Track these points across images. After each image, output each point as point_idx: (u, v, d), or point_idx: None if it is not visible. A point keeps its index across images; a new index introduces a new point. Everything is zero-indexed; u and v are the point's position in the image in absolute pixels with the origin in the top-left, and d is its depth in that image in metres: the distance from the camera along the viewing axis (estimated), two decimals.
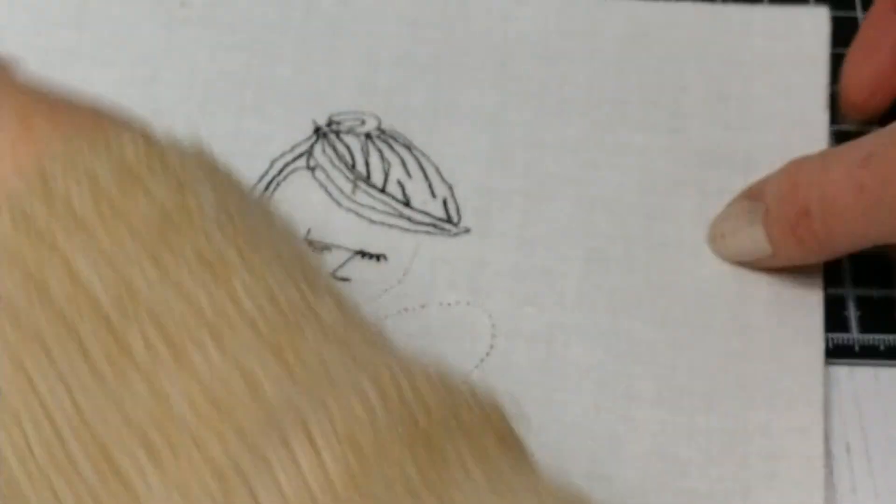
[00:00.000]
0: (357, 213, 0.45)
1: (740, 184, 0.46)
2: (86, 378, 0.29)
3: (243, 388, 0.29)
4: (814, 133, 0.47)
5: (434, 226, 0.45)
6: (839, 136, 0.48)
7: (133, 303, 0.30)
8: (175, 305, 0.30)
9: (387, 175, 0.46)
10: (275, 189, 0.46)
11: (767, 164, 0.46)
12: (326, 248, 0.45)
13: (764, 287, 0.45)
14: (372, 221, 0.45)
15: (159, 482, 0.28)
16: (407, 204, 0.46)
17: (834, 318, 0.44)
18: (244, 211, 0.32)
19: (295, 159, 0.46)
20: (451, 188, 0.46)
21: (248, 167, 0.45)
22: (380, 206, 0.45)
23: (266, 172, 0.46)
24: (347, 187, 0.46)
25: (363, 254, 0.45)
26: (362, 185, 0.46)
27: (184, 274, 0.30)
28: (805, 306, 0.44)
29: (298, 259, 0.32)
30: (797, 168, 0.43)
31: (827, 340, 0.44)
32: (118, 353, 0.29)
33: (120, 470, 0.29)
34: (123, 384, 0.29)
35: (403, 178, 0.46)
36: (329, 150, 0.46)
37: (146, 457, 0.29)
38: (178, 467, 0.28)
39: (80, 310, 0.30)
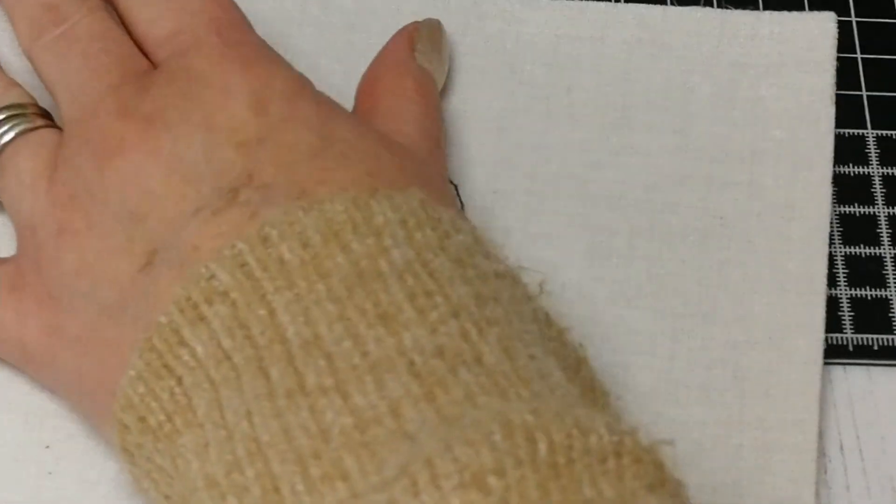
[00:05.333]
0: None
1: (746, 177, 0.47)
2: (266, 410, 0.33)
3: (391, 426, 0.32)
4: (820, 130, 0.48)
5: None
6: (843, 140, 0.49)
7: (316, 347, 0.33)
8: (348, 352, 0.33)
9: None
10: None
11: (774, 157, 0.47)
12: None
13: (766, 278, 0.45)
14: None
15: None
16: None
17: (828, 318, 0.45)
18: (437, 265, 0.35)
19: None
20: (456, 188, 0.46)
21: None
22: None
23: None
24: None
25: None
26: None
27: (361, 326, 0.33)
28: (807, 300, 0.45)
29: (481, 302, 0.35)
30: None
31: None
32: (296, 388, 0.33)
33: (282, 496, 0.32)
34: (295, 417, 0.33)
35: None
36: None
37: (303, 485, 0.32)
38: (326, 500, 0.31)
39: (272, 349, 0.34)
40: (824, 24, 0.50)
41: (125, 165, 0.39)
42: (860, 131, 0.50)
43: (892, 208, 0.48)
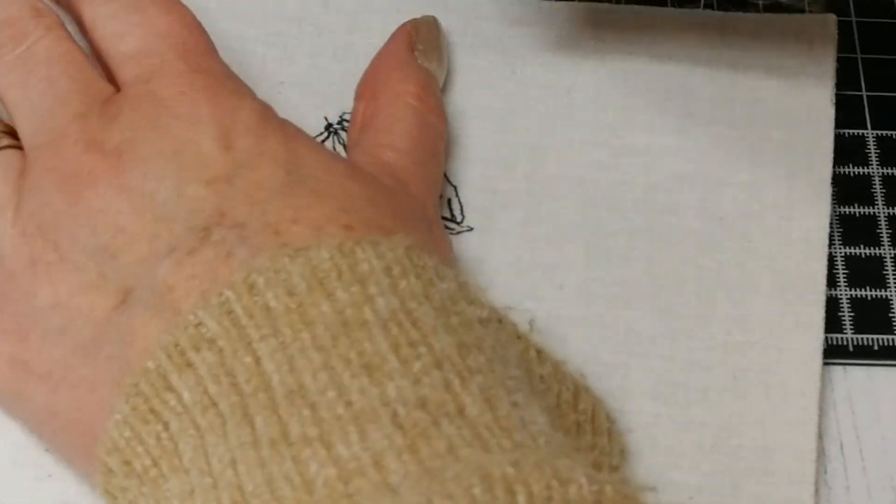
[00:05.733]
0: None
1: (746, 177, 0.47)
2: (250, 459, 0.33)
3: (375, 479, 0.32)
4: (820, 131, 0.48)
5: None
6: (843, 140, 0.49)
7: (300, 396, 0.33)
8: (332, 401, 0.33)
9: None
10: None
11: (774, 158, 0.47)
12: None
13: (765, 279, 0.45)
14: None
15: None
16: None
17: (828, 319, 0.45)
18: (421, 314, 0.35)
19: None
20: (455, 189, 0.46)
21: None
22: None
23: None
24: None
25: None
26: None
27: (346, 376, 0.33)
28: (806, 300, 0.45)
29: (465, 351, 0.35)
30: None
31: None
32: (280, 437, 0.33)
33: None
34: (278, 467, 0.33)
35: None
36: (339, 147, 0.47)
37: None
38: None
39: (257, 397, 0.34)
40: (824, 26, 0.50)
41: (95, 200, 0.39)
42: (860, 131, 0.50)
43: (892, 208, 0.48)
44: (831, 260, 0.46)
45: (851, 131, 0.49)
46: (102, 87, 0.42)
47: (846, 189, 0.48)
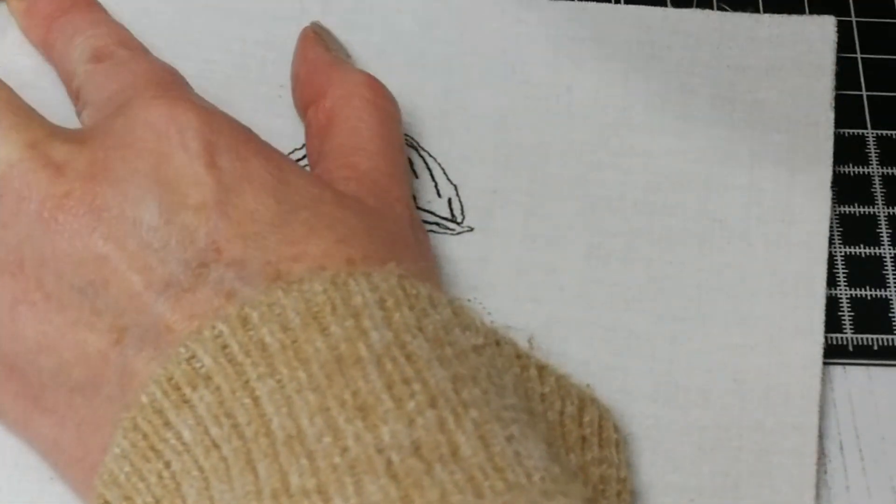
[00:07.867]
0: None
1: (745, 179, 0.47)
2: None
3: None
4: (819, 133, 0.48)
5: (438, 224, 0.46)
6: (843, 140, 0.49)
7: (298, 443, 0.33)
8: (329, 449, 0.33)
9: None
10: None
11: (773, 160, 0.47)
12: None
13: (765, 282, 0.45)
14: None
15: None
16: None
17: (828, 319, 0.45)
18: (416, 348, 0.35)
19: (304, 157, 0.46)
20: (456, 188, 0.46)
21: None
22: None
23: None
24: None
25: None
26: None
27: (341, 420, 0.33)
28: (806, 303, 0.45)
29: (459, 384, 0.35)
30: None
31: None
32: (280, 488, 0.33)
33: None
34: None
35: (410, 178, 0.46)
36: None
37: None
38: None
39: (258, 442, 0.33)
40: (823, 28, 0.50)
41: (74, 226, 0.37)
42: (860, 131, 0.50)
43: (892, 208, 0.48)
44: (831, 260, 0.46)
45: (851, 131, 0.50)
46: (52, 124, 0.40)
47: (846, 189, 0.48)
